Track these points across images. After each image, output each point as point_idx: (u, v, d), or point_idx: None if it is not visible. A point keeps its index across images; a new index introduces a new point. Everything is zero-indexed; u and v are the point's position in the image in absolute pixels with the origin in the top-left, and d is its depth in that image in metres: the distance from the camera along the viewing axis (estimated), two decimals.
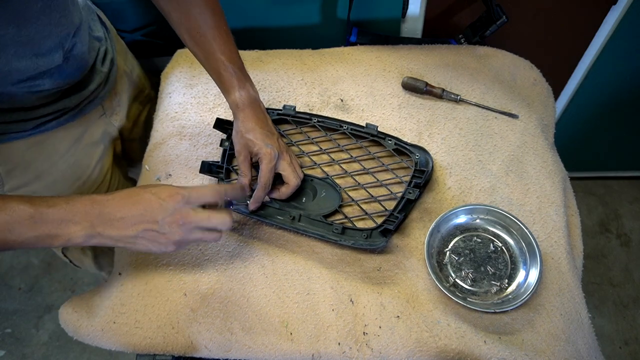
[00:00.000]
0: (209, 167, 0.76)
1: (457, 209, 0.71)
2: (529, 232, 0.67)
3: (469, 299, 0.65)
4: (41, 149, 0.73)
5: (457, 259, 0.69)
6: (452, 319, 0.63)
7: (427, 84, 0.84)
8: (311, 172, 0.76)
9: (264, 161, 0.67)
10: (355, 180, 0.76)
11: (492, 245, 0.70)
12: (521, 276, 0.67)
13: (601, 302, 1.52)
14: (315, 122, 0.80)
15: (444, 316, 0.64)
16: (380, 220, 0.70)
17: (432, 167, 0.74)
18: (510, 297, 0.65)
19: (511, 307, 0.63)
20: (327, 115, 0.82)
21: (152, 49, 1.10)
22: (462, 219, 0.72)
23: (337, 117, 0.81)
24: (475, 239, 0.71)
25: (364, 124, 0.79)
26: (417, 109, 0.84)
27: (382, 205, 0.73)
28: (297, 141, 0.80)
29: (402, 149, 0.76)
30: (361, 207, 0.72)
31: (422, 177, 0.72)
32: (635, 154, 1.54)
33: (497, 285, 0.67)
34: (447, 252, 0.70)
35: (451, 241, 0.71)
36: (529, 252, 0.68)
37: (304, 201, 0.74)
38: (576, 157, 1.53)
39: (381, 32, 1.01)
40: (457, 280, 0.68)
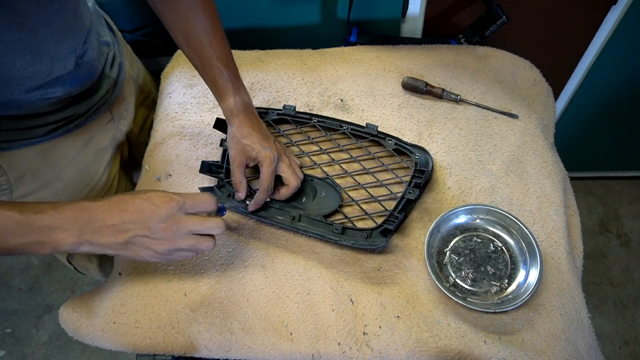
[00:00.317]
0: (209, 167, 0.76)
1: (457, 209, 0.71)
2: (529, 232, 0.67)
3: (469, 299, 0.65)
4: (50, 156, 0.73)
5: (457, 259, 0.69)
6: (452, 319, 0.63)
7: (427, 84, 0.84)
8: (311, 172, 0.76)
9: (265, 164, 0.67)
10: (355, 180, 0.76)
11: (492, 245, 0.70)
12: (521, 276, 0.67)
13: (601, 302, 1.52)
14: (315, 122, 0.80)
15: (444, 316, 0.64)
16: (380, 220, 0.70)
17: (432, 167, 0.74)
18: (510, 297, 0.65)
19: (511, 307, 0.63)
20: (327, 115, 0.82)
21: (152, 49, 1.10)
22: (462, 219, 0.72)
23: (337, 117, 0.81)
24: (475, 239, 0.71)
25: (364, 124, 0.79)
26: (417, 109, 0.84)
27: (382, 205, 0.73)
28: (297, 141, 0.80)
29: (402, 149, 0.77)
30: (361, 207, 0.72)
31: (422, 177, 0.72)
32: (635, 154, 1.54)
33: (497, 285, 0.67)
34: (447, 252, 0.70)
35: (451, 241, 0.71)
36: (529, 252, 0.68)
37: (304, 201, 0.74)
38: (576, 157, 1.53)
39: (381, 32, 1.01)
40: (457, 280, 0.68)
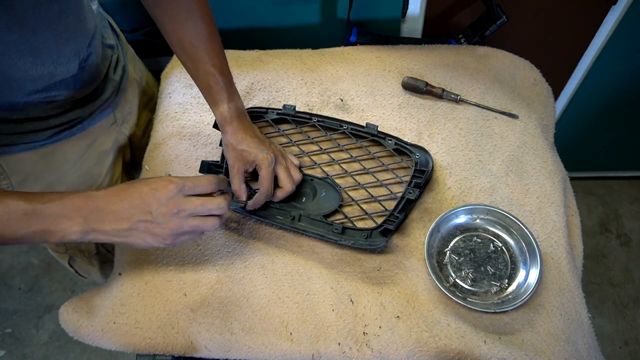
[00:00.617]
0: (209, 167, 0.76)
1: (457, 209, 0.71)
2: (529, 232, 0.67)
3: (469, 299, 0.65)
4: (52, 159, 0.73)
5: (457, 259, 0.69)
6: (452, 319, 0.63)
7: (427, 84, 0.84)
8: (311, 172, 0.76)
9: (263, 167, 0.67)
10: (355, 180, 0.76)
11: (492, 245, 0.70)
12: (521, 276, 0.67)
13: (601, 302, 1.52)
14: (315, 121, 0.80)
15: (444, 316, 0.64)
16: (380, 220, 0.70)
17: (432, 167, 0.74)
18: (510, 297, 0.65)
19: (511, 307, 0.63)
20: (327, 115, 0.82)
21: (152, 49, 1.10)
22: (462, 219, 0.72)
23: (337, 117, 0.81)
24: (475, 239, 0.71)
25: (364, 124, 0.79)
26: (417, 109, 0.84)
27: (382, 205, 0.73)
28: (297, 141, 0.80)
29: (402, 149, 0.76)
30: (361, 207, 0.72)
31: (422, 177, 0.72)
32: (635, 154, 1.54)
33: (497, 285, 0.67)
34: (447, 252, 0.70)
35: (451, 241, 0.71)
36: (529, 252, 0.68)
37: (304, 201, 0.74)
38: (576, 157, 1.53)
39: (381, 32, 1.01)
40: (457, 280, 0.68)
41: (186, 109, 0.87)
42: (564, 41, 1.12)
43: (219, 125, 0.71)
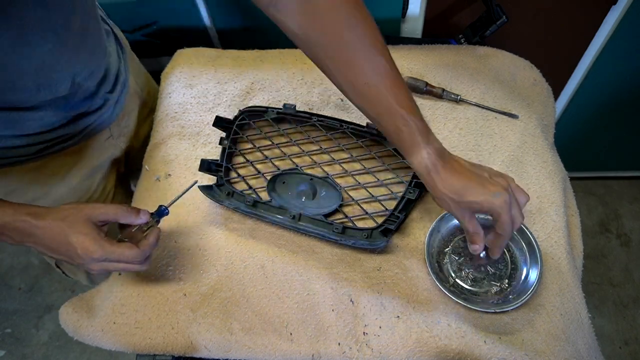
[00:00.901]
0: (209, 166, 0.76)
1: None
2: (529, 232, 0.67)
3: (469, 299, 0.65)
4: (41, 173, 0.71)
5: (457, 259, 0.69)
6: (452, 319, 0.63)
7: (427, 84, 0.84)
8: (311, 172, 0.76)
9: (503, 213, 0.55)
10: (355, 179, 0.76)
11: None
12: (521, 276, 0.67)
13: (601, 302, 1.52)
14: (315, 121, 0.80)
15: (444, 316, 0.64)
16: (380, 220, 0.70)
17: None
18: (510, 297, 0.65)
19: (511, 307, 0.63)
20: (327, 114, 0.82)
21: (152, 49, 1.10)
22: None
23: (337, 117, 0.81)
24: None
25: (364, 124, 0.79)
26: None
27: (382, 204, 0.73)
28: (297, 140, 0.80)
29: None
30: (362, 207, 0.72)
31: None
32: (635, 154, 1.54)
33: (497, 285, 0.67)
34: (448, 252, 0.70)
35: (451, 241, 0.71)
36: (529, 252, 0.67)
37: (304, 200, 0.74)
38: (576, 157, 1.53)
39: (381, 32, 1.01)
40: (457, 280, 0.68)
41: (186, 109, 0.87)
42: (564, 41, 1.12)
43: (419, 175, 0.59)
